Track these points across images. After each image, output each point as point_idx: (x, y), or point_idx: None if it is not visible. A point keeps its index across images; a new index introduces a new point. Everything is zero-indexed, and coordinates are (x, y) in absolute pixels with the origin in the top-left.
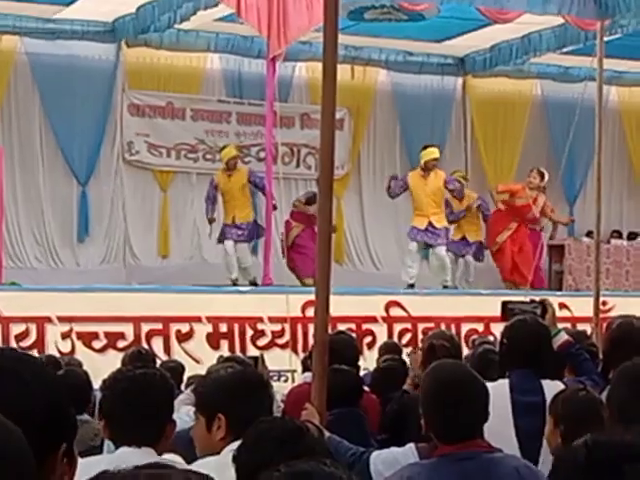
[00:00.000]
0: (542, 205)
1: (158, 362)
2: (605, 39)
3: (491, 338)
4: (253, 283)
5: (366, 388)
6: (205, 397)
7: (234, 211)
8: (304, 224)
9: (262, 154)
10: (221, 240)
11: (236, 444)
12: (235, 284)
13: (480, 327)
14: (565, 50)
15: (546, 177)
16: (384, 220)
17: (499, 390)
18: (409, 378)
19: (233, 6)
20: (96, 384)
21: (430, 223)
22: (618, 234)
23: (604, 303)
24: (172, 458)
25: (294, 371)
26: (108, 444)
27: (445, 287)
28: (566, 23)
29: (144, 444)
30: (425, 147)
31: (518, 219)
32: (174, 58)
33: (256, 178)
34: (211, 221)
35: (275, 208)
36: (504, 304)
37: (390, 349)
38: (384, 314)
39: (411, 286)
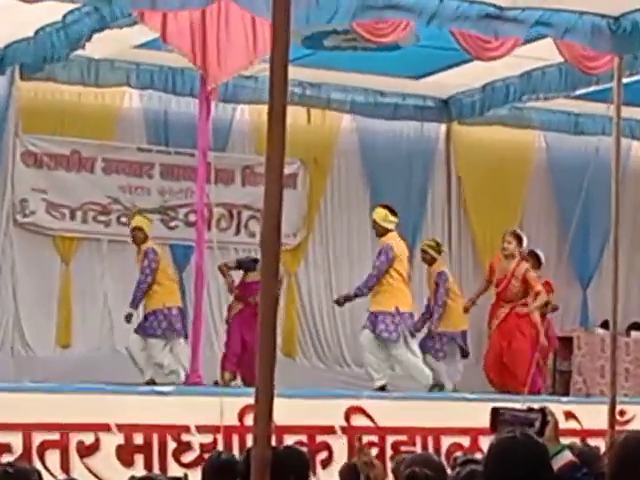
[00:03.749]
0: (522, 276)
1: None
2: (624, 80)
3: (478, 456)
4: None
5: None
6: None
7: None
8: (242, 301)
9: (192, 217)
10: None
11: None
12: (150, 383)
13: (465, 441)
14: (575, 94)
15: (524, 241)
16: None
17: None
18: None
19: (157, 28)
20: None
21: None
22: (639, 325)
23: (621, 413)
24: None
25: None
26: None
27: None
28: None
29: None
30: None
31: (503, 301)
32: (82, 94)
33: (146, 260)
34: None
35: None
36: (494, 411)
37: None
38: (344, 423)
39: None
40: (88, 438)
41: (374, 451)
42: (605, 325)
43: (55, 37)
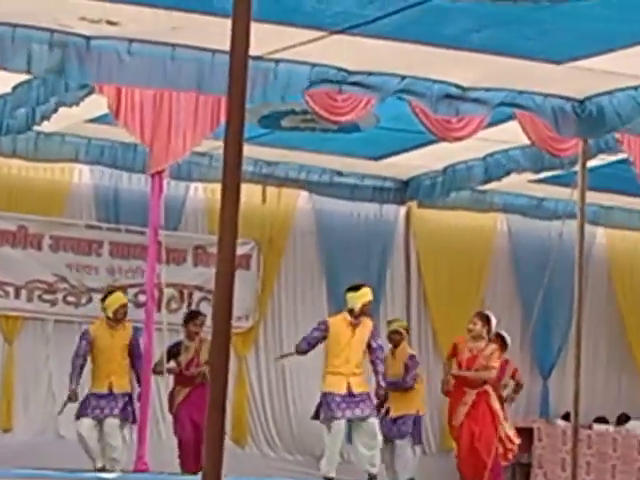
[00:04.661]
0: (489, 355)
1: None
2: (589, 165)
3: None
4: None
5: None
6: None
7: (110, 377)
8: (187, 384)
9: (142, 297)
10: (80, 415)
11: None
12: (102, 470)
13: None
14: (539, 177)
15: (493, 322)
16: (302, 387)
17: None
18: None
19: (111, 104)
20: None
21: (349, 387)
22: (603, 420)
23: None
24: None
25: None
26: None
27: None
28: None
29: None
30: (356, 287)
31: (466, 386)
32: (30, 169)
33: (138, 340)
34: (72, 397)
35: None
36: None
37: None
38: None
39: None
40: None
41: None
42: (567, 417)
43: (3, 109)
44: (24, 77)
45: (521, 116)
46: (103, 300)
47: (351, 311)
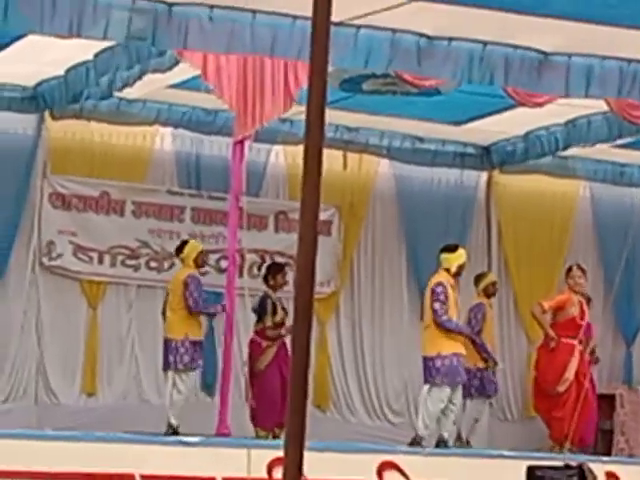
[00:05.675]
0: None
1: None
2: None
3: None
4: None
5: None
6: None
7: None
8: (275, 340)
9: (224, 263)
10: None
11: None
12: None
13: None
14: (621, 142)
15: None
16: (384, 353)
17: None
18: None
19: (198, 66)
20: None
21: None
22: None
23: None
24: None
25: None
26: None
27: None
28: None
29: None
30: (452, 248)
31: (578, 338)
32: (112, 135)
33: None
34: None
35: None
36: (530, 470)
37: None
38: (377, 479)
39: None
40: None
41: None
42: None
43: (86, 76)
44: (106, 44)
45: None
46: (180, 252)
47: (447, 271)
